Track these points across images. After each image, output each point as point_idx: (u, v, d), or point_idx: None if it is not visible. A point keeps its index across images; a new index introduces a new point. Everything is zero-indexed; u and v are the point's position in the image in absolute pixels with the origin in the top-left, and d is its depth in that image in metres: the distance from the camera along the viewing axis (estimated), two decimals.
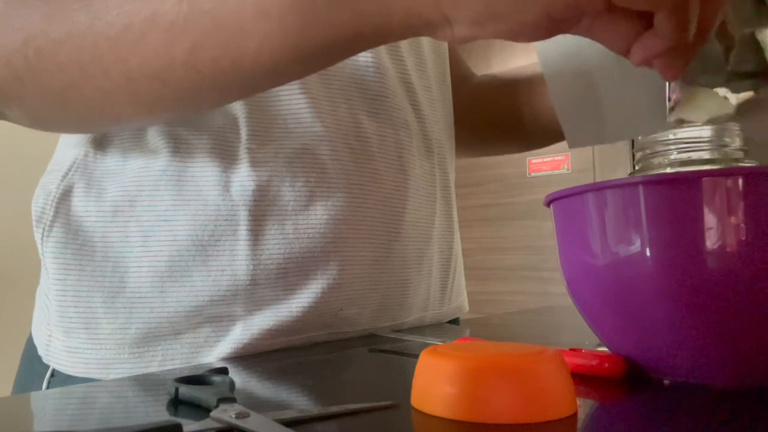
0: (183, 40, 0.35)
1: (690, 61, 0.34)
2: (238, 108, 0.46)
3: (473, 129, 0.73)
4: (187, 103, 0.39)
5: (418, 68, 0.58)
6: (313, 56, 0.35)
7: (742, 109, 0.39)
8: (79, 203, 0.47)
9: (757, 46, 0.38)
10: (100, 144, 0.48)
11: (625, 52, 0.33)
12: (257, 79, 0.37)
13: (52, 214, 0.47)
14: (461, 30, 0.32)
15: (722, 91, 0.39)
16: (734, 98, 0.39)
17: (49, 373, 0.47)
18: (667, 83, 0.39)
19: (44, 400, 0.33)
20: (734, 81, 0.39)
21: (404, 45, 0.56)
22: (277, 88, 0.47)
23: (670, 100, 0.39)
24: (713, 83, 0.39)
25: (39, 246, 0.47)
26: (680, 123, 0.39)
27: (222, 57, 0.35)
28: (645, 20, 0.32)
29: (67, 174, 0.48)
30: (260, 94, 0.47)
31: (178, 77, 0.36)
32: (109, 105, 0.39)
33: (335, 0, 0.33)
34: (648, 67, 0.34)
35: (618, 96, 0.47)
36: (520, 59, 2.69)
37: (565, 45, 0.33)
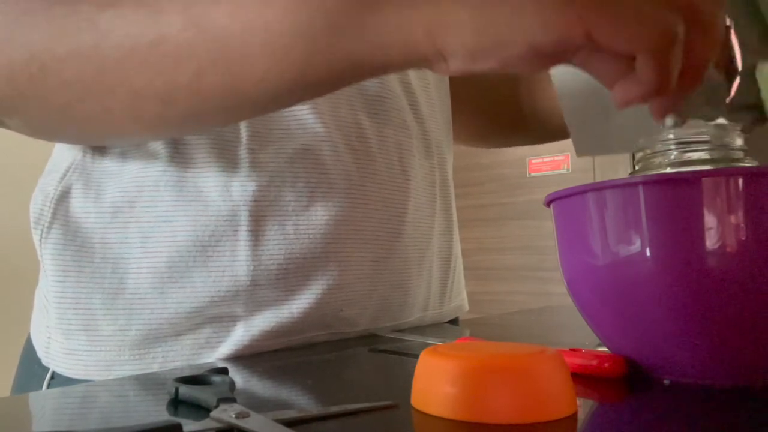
0: (188, 65, 0.35)
1: (678, 104, 0.34)
2: None
3: (479, 119, 0.73)
4: (190, 124, 0.40)
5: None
6: (314, 85, 0.36)
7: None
8: (77, 204, 0.47)
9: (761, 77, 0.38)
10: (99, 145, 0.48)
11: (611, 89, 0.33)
12: (259, 105, 0.38)
13: (50, 215, 0.47)
14: (455, 65, 0.33)
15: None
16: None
17: (48, 376, 0.47)
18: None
19: (44, 400, 0.33)
20: (736, 113, 0.38)
21: None
22: None
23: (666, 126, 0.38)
24: (714, 115, 0.39)
25: (37, 247, 0.47)
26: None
27: (225, 84, 0.36)
28: (633, 61, 0.32)
29: (65, 175, 0.48)
30: None
31: (181, 100, 0.37)
32: (112, 122, 0.39)
33: (337, 34, 0.33)
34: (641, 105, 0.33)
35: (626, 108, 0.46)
36: None
37: None
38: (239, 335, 0.45)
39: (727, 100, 0.38)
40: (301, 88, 0.36)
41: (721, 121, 0.37)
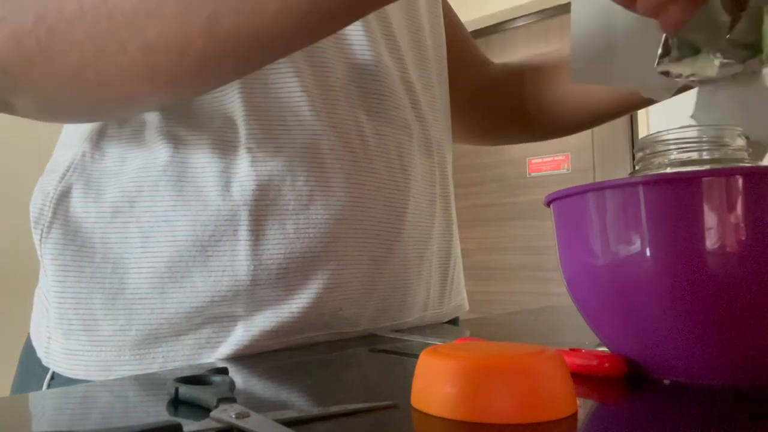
0: (201, 9, 0.34)
1: (689, 15, 0.35)
2: (237, 107, 0.46)
3: (483, 116, 0.73)
4: (206, 75, 0.38)
5: (419, 67, 0.58)
6: (330, 16, 0.35)
7: (722, 74, 0.41)
8: (77, 204, 0.47)
9: (761, 20, 0.38)
10: (98, 144, 0.48)
11: (630, 4, 0.34)
12: (277, 44, 0.36)
13: (50, 215, 0.47)
14: None
15: (715, 55, 0.40)
16: (719, 63, 0.40)
17: (48, 376, 0.47)
18: (664, 36, 0.40)
19: (44, 400, 0.33)
20: (733, 50, 0.40)
21: (406, 44, 0.56)
22: (276, 87, 0.47)
23: (661, 50, 0.40)
24: (711, 46, 0.40)
25: (37, 247, 0.47)
26: (664, 74, 0.41)
27: (241, 23, 0.34)
28: None
29: (65, 175, 0.48)
30: (259, 93, 0.47)
31: (197, 48, 0.35)
32: (126, 82, 0.38)
33: None
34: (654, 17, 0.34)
35: (632, 41, 0.49)
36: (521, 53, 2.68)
37: None
38: (239, 335, 0.45)
39: (728, 36, 0.40)
40: (318, 21, 0.35)
41: (703, 71, 0.37)
